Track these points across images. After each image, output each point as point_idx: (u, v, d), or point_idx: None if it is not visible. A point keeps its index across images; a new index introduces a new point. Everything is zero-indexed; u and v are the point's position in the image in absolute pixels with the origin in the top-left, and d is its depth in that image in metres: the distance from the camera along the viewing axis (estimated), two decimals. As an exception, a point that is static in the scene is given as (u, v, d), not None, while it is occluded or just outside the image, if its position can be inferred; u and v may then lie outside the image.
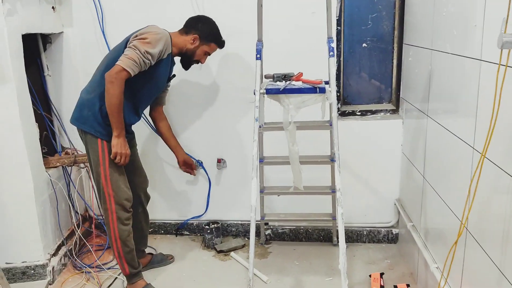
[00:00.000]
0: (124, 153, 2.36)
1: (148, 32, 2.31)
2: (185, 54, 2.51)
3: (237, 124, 3.06)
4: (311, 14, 2.80)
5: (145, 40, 2.26)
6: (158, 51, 2.28)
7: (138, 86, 2.38)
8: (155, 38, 2.28)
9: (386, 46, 2.97)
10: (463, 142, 1.93)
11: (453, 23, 2.02)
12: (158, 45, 2.28)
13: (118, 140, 2.33)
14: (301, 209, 3.07)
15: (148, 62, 2.27)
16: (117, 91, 2.22)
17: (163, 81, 2.51)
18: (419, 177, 2.59)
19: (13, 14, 2.46)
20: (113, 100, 2.24)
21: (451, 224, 2.07)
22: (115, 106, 2.25)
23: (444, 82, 2.17)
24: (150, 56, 2.25)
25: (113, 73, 2.21)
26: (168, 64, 2.46)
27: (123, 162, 2.38)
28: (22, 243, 2.67)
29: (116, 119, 2.29)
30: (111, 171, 2.40)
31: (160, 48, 2.29)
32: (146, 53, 2.23)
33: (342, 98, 3.04)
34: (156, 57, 2.29)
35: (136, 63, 2.22)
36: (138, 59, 2.22)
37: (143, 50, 2.23)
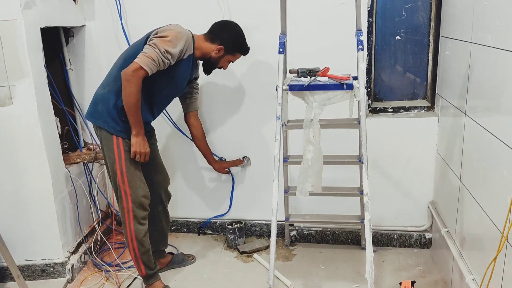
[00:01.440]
0: (143, 152, 2.30)
1: (170, 29, 2.22)
2: (209, 61, 2.45)
3: (262, 120, 2.93)
4: (340, 5, 2.63)
5: (166, 38, 2.16)
6: (179, 50, 2.19)
7: (155, 86, 2.30)
8: (176, 37, 2.19)
9: (421, 39, 2.77)
10: (505, 145, 1.74)
11: (496, 13, 1.82)
12: (178, 45, 2.19)
13: (137, 139, 2.26)
14: (328, 210, 2.93)
15: (168, 61, 2.17)
16: (134, 89, 2.14)
17: (183, 82, 2.41)
18: (455, 180, 2.40)
19: (31, 6, 2.41)
20: (130, 99, 2.16)
21: (490, 234, 1.89)
22: (132, 104, 2.17)
23: (485, 78, 1.98)
24: (170, 55, 2.16)
25: (130, 71, 2.12)
26: (188, 65, 2.35)
27: (143, 160, 2.32)
28: (41, 240, 2.64)
29: (134, 118, 2.22)
30: (127, 168, 2.33)
31: (181, 48, 2.20)
32: (166, 52, 2.14)
33: (373, 93, 2.87)
34: (176, 57, 2.20)
35: (154, 62, 2.13)
36: (157, 58, 2.13)
37: (163, 49, 2.13)
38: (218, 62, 2.45)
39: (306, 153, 2.14)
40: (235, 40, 2.41)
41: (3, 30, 2.35)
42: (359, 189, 2.65)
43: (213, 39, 2.38)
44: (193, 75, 2.50)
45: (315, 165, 2.15)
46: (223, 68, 2.51)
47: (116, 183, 2.36)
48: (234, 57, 2.48)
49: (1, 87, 2.43)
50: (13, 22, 2.34)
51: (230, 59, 2.47)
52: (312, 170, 2.15)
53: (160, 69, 2.19)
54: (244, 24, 2.74)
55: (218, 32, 2.40)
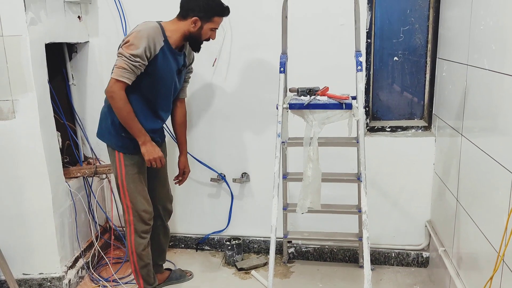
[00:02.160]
0: (157, 157, 2.31)
1: (131, 33, 2.21)
2: (191, 38, 2.34)
3: (261, 137, 2.96)
4: (339, 26, 2.69)
5: (127, 43, 2.17)
6: (143, 49, 2.14)
7: (145, 89, 2.29)
8: (136, 37, 2.16)
9: (418, 60, 2.83)
10: (501, 167, 1.77)
11: (491, 37, 1.87)
12: (141, 44, 2.15)
13: (146, 147, 2.28)
14: (326, 227, 2.94)
15: (139, 64, 2.16)
16: (119, 103, 2.17)
17: (171, 75, 2.35)
18: (452, 199, 2.43)
19: (36, 23, 2.45)
20: (121, 113, 2.20)
21: (487, 254, 1.91)
22: (125, 118, 2.21)
23: (481, 99, 2.02)
24: (138, 58, 2.14)
25: (109, 87, 2.17)
26: (167, 57, 2.28)
27: (160, 165, 2.34)
28: (39, 254, 2.64)
29: (133, 129, 2.24)
30: (128, 182, 2.35)
31: (145, 46, 2.15)
32: (131, 56, 2.13)
33: (371, 113, 2.91)
34: (144, 56, 2.16)
35: (126, 70, 2.14)
36: (127, 65, 2.14)
37: (127, 55, 2.13)
38: (200, 35, 2.32)
39: (307, 170, 2.17)
40: (205, 6, 2.26)
41: (9, 45, 2.39)
42: (357, 207, 2.67)
43: (185, 15, 2.28)
44: (181, 63, 2.40)
45: (314, 182, 2.17)
46: (211, 38, 2.37)
47: (120, 197, 2.41)
48: (215, 23, 2.32)
49: (4, 101, 2.46)
50: (18, 38, 2.38)
51: (211, 27, 2.32)
52: (312, 187, 2.18)
53: (138, 73, 2.19)
54: (246, 43, 2.81)
55: (187, 6, 2.28)
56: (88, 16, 2.96)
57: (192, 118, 2.96)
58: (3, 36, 2.38)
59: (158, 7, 2.87)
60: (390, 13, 2.79)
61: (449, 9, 2.51)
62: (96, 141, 3.09)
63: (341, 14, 2.66)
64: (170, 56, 2.30)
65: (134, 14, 2.91)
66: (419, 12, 2.76)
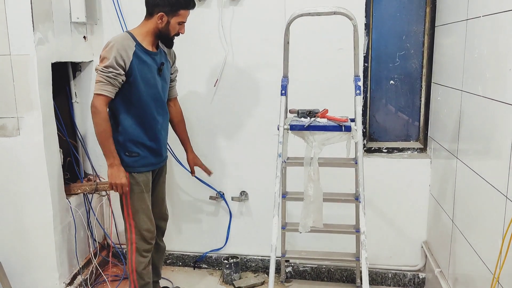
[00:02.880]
0: (119, 183, 2.30)
1: (102, 52, 2.27)
2: (161, 35, 2.36)
3: (261, 156, 3.01)
4: (337, 51, 2.77)
5: (100, 58, 2.26)
6: (113, 58, 2.19)
7: (135, 99, 2.32)
8: (106, 51, 2.23)
9: (414, 84, 2.91)
10: (494, 189, 1.83)
11: (485, 65, 1.95)
12: (111, 54, 2.20)
13: (111, 170, 2.29)
14: (324, 247, 2.97)
15: (113, 74, 2.20)
16: (99, 118, 2.23)
17: (152, 75, 2.35)
18: (447, 221, 2.48)
19: (44, 43, 2.51)
20: (98, 128, 2.25)
21: (482, 275, 1.96)
22: (101, 133, 2.25)
23: (475, 124, 2.09)
24: (111, 68, 2.19)
25: (92, 102, 2.24)
26: (142, 60, 2.29)
27: (121, 192, 2.34)
28: (38, 271, 2.65)
29: (106, 147, 2.27)
30: (132, 200, 2.39)
31: (114, 55, 2.19)
32: (105, 68, 2.19)
33: (368, 134, 2.98)
34: (116, 65, 2.20)
35: (103, 82, 2.20)
36: (104, 77, 2.19)
37: (101, 68, 2.20)
38: (169, 30, 2.34)
39: (308, 190, 2.22)
40: (169, 0, 2.27)
41: (16, 64, 2.45)
42: (355, 227, 2.71)
43: (151, 12, 2.31)
44: (160, 61, 2.40)
45: (316, 201, 2.22)
46: (181, 33, 2.39)
47: (123, 215, 2.43)
48: (181, 16, 2.33)
49: (9, 118, 2.50)
50: (26, 57, 2.44)
51: (178, 21, 2.33)
52: (313, 206, 2.23)
53: (117, 86, 2.24)
54: (246, 64, 2.88)
55: (151, 2, 2.31)
56: (93, 36, 3.03)
57: (193, 136, 3.01)
58: (11, 55, 2.44)
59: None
60: (387, 38, 2.89)
61: (444, 36, 2.60)
62: (97, 158, 3.16)
63: (340, 40, 2.74)
64: (146, 57, 2.31)
65: (138, 35, 2.98)
66: (415, 38, 2.85)
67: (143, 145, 2.38)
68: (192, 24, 2.82)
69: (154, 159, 2.45)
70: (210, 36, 2.91)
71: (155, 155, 2.44)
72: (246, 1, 2.84)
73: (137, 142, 2.36)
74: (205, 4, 2.89)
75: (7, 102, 2.48)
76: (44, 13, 2.53)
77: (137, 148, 2.37)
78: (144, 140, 2.37)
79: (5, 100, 2.48)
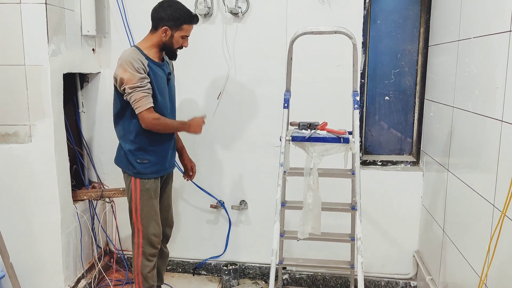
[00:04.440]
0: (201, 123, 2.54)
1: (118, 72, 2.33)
2: (165, 48, 2.47)
3: (260, 167, 3.14)
4: (336, 67, 2.92)
5: (126, 80, 2.29)
6: (136, 71, 2.28)
7: None
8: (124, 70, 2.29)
9: (407, 100, 3.06)
10: (483, 199, 1.97)
11: (475, 83, 2.10)
12: (132, 69, 2.28)
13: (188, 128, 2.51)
14: (319, 255, 3.08)
15: (147, 81, 2.32)
16: (162, 126, 2.43)
17: (164, 85, 2.48)
18: (438, 230, 2.61)
19: (57, 54, 2.63)
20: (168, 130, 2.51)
21: (471, 280, 2.08)
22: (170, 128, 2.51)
23: (465, 139, 2.23)
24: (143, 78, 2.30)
25: (146, 121, 2.33)
26: (155, 71, 2.41)
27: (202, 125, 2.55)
28: (44, 273, 2.74)
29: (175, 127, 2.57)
30: (142, 206, 2.49)
31: (136, 67, 2.29)
32: (138, 82, 2.28)
33: (363, 147, 3.12)
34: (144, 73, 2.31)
35: (145, 95, 2.30)
36: (143, 91, 2.29)
37: (135, 85, 2.28)
38: (172, 44, 2.45)
39: (307, 198, 2.34)
40: (173, 15, 2.38)
41: (30, 74, 2.56)
42: (350, 235, 2.82)
43: (156, 26, 2.42)
44: (167, 70, 2.53)
45: (315, 209, 2.34)
46: (184, 46, 2.50)
47: (131, 220, 2.53)
48: (184, 31, 2.43)
49: (22, 125, 2.61)
50: (40, 67, 2.56)
51: (181, 35, 2.43)
52: (312, 214, 2.34)
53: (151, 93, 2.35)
54: (248, 79, 3.02)
55: (156, 16, 2.41)
56: (102, 48, 3.16)
57: (195, 146, 3.13)
58: (25, 65, 2.56)
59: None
60: (382, 56, 3.04)
61: (436, 56, 2.75)
62: (101, 166, 3.26)
63: (339, 57, 2.89)
64: (156, 69, 2.43)
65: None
66: (409, 56, 3.01)
67: (153, 152, 2.49)
68: (198, 39, 2.97)
69: (164, 165, 2.57)
70: (214, 51, 3.05)
71: (164, 161, 2.56)
72: (250, 19, 2.99)
73: (148, 149, 2.48)
74: (210, 20, 3.03)
75: (20, 110, 2.59)
76: (57, 26, 2.65)
77: (148, 155, 2.48)
78: (155, 146, 2.49)
79: (18, 108, 2.59)
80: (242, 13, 2.96)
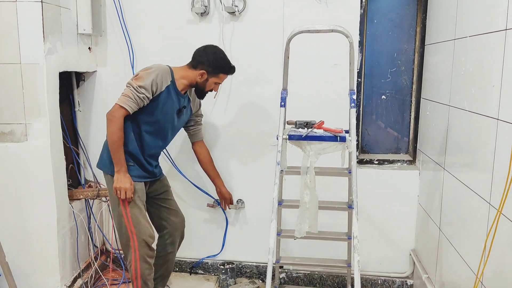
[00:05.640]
0: (123, 188, 2.40)
1: (142, 69, 2.43)
2: (197, 87, 2.58)
3: (257, 166, 3.14)
4: (333, 66, 2.92)
5: (137, 76, 2.39)
6: (150, 82, 2.35)
7: (145, 120, 2.46)
8: (146, 72, 2.39)
9: (404, 99, 3.07)
10: (479, 197, 1.97)
11: (471, 82, 2.11)
12: (149, 78, 2.35)
13: (118, 176, 2.40)
14: (316, 253, 3.08)
15: (143, 95, 2.34)
16: (115, 128, 2.34)
17: (171, 111, 2.52)
18: (435, 229, 2.61)
19: (53, 53, 2.62)
20: (113, 137, 2.35)
21: (467, 278, 2.08)
22: (115, 143, 2.35)
23: (461, 137, 2.24)
24: (143, 89, 2.34)
25: (112, 111, 2.35)
26: (171, 96, 2.47)
27: (124, 197, 2.41)
28: (40, 273, 2.73)
29: (117, 154, 2.38)
30: (130, 208, 2.47)
31: (152, 78, 2.35)
32: (139, 87, 2.33)
33: (360, 146, 3.12)
34: (150, 89, 2.36)
35: (131, 98, 2.33)
36: (133, 94, 2.33)
37: (135, 85, 2.33)
38: (205, 86, 2.56)
39: (304, 197, 2.34)
40: (214, 63, 2.50)
41: (26, 72, 2.55)
42: (347, 234, 2.82)
43: (195, 65, 2.52)
44: (183, 104, 2.58)
45: (312, 208, 2.34)
46: (214, 90, 2.62)
47: (121, 224, 2.49)
48: (219, 78, 2.56)
49: (18, 124, 2.60)
50: (36, 66, 2.55)
51: (215, 81, 2.55)
52: (309, 212, 2.34)
53: (140, 105, 2.37)
54: (246, 78, 3.02)
55: (199, 58, 2.52)
56: (98, 47, 3.15)
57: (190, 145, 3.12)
58: (21, 64, 2.55)
59: (164, 41, 3.08)
60: (379, 55, 3.05)
61: (433, 55, 2.76)
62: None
63: (335, 56, 2.89)
64: (174, 95, 2.50)
65: (141, 47, 3.10)
66: (405, 56, 3.01)
67: (139, 160, 2.51)
68: (194, 38, 2.97)
69: (148, 173, 2.57)
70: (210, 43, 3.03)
71: (148, 170, 2.57)
72: (246, 18, 2.99)
73: (134, 157, 2.49)
74: (206, 19, 3.03)
75: (16, 109, 2.58)
76: (53, 24, 2.64)
77: (133, 160, 2.49)
78: (139, 157, 2.50)
79: (14, 107, 2.58)
80: (239, 12, 2.96)
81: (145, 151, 2.52)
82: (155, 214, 2.73)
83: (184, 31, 3.06)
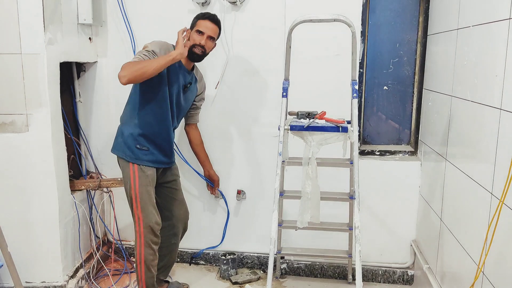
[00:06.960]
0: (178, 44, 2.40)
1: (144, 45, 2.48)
2: (190, 51, 2.50)
3: (259, 157, 3.14)
4: (335, 56, 2.90)
5: (144, 47, 2.44)
6: (159, 49, 2.40)
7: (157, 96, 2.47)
8: (150, 43, 2.46)
9: (406, 90, 3.05)
10: (481, 187, 1.97)
11: (474, 72, 2.09)
12: (157, 46, 2.42)
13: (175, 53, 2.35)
14: (317, 244, 3.09)
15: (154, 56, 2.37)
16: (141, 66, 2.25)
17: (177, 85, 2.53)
18: (436, 219, 2.62)
19: (53, 43, 2.61)
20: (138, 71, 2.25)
21: (468, 268, 2.09)
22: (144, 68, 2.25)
23: (463, 128, 2.23)
24: (152, 51, 2.37)
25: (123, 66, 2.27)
26: (175, 69, 2.49)
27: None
28: (43, 263, 2.73)
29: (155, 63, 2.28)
30: (141, 192, 2.50)
31: (160, 47, 2.42)
32: (147, 51, 2.37)
33: (361, 137, 3.12)
34: (159, 54, 2.38)
35: (144, 55, 2.35)
36: (140, 55, 2.34)
37: (144, 51, 2.37)
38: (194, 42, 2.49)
39: (305, 187, 2.34)
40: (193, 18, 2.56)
41: (27, 62, 2.54)
42: (348, 224, 2.83)
43: None
44: (188, 80, 2.60)
45: (314, 198, 2.34)
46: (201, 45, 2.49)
47: (131, 208, 2.53)
48: (198, 25, 2.50)
49: (19, 115, 2.59)
50: (36, 56, 2.53)
51: (196, 29, 2.50)
52: (311, 202, 2.35)
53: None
54: (247, 68, 3.00)
55: None
56: (98, 37, 3.13)
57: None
58: (21, 54, 2.53)
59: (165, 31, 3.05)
60: (381, 46, 3.03)
61: (435, 45, 2.75)
62: (99, 156, 3.25)
63: (337, 46, 2.88)
64: (177, 68, 2.52)
65: (142, 37, 3.08)
66: (408, 46, 3.00)
67: (153, 142, 2.53)
68: (196, 28, 2.94)
69: (162, 158, 2.58)
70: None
71: (163, 154, 2.58)
72: (248, 7, 2.97)
73: (149, 139, 2.51)
74: (208, 9, 3.00)
75: (17, 99, 2.57)
76: (54, 14, 2.63)
77: (148, 144, 2.51)
78: (155, 137, 2.52)
79: (15, 97, 2.57)
80: (240, 1, 2.94)
81: (161, 130, 2.53)
82: (161, 204, 2.74)
83: (185, 21, 3.02)
